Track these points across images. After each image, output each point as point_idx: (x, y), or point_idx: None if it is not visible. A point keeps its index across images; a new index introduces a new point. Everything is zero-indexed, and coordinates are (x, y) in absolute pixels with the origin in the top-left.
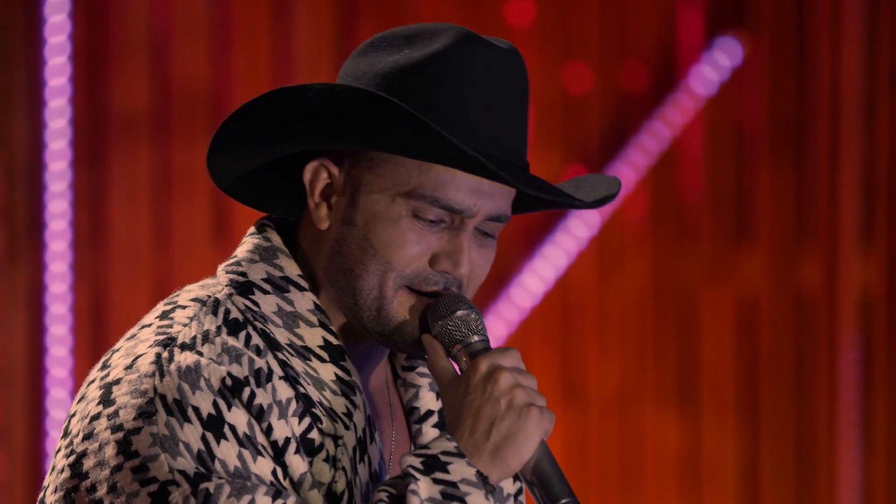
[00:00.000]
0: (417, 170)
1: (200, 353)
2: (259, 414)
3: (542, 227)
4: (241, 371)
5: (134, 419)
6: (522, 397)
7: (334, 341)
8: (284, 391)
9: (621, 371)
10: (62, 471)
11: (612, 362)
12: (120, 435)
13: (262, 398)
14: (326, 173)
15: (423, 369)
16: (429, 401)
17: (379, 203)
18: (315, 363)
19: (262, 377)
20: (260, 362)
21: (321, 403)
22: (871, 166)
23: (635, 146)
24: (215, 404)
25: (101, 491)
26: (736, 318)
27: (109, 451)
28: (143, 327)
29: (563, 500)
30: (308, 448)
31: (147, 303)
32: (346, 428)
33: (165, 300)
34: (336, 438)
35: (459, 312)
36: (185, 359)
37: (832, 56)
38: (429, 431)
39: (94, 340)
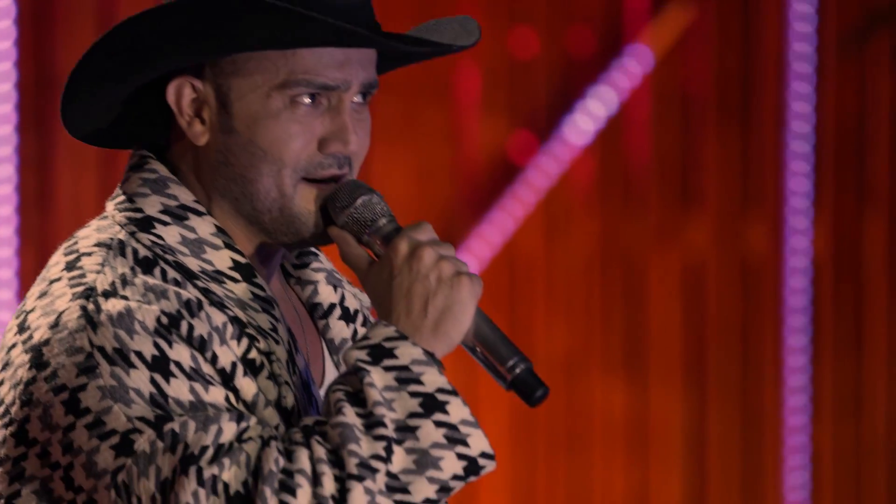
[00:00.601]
0: (283, 58)
1: (126, 297)
2: (201, 345)
3: (488, 192)
4: (171, 306)
5: (77, 377)
6: (449, 268)
7: (242, 260)
8: (218, 317)
9: (568, 336)
10: (3, 441)
11: (559, 327)
12: (65, 395)
13: (201, 328)
14: (190, 88)
15: (317, 264)
16: (328, 294)
17: (254, 103)
18: (230, 285)
19: (194, 307)
20: (186, 293)
21: (250, 323)
22: (818, 131)
23: (582, 111)
24: (156, 345)
25: (56, 454)
26: (682, 282)
27: (56, 413)
28: (51, 283)
29: (512, 360)
30: (251, 369)
31: None
32: (277, 343)
33: (63, 250)
34: (269, 355)
35: (361, 199)
36: (112, 306)
37: (779, 20)
38: (336, 325)
39: None
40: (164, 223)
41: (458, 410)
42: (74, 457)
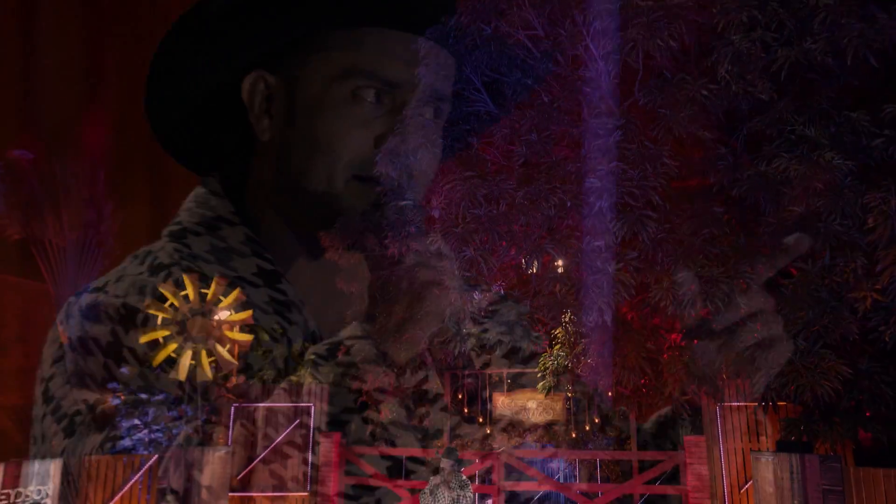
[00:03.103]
0: (352, 50)
1: (105, 292)
2: None
3: None
4: (139, 300)
5: (50, 367)
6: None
7: (268, 267)
8: None
9: None
10: None
11: None
12: (43, 387)
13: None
14: (263, 84)
15: None
16: None
17: (317, 96)
18: (248, 289)
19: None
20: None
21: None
22: None
23: None
24: (113, 332)
25: (40, 444)
26: None
27: (37, 407)
28: None
29: None
30: None
31: None
32: (275, 340)
33: None
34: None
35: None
36: (87, 299)
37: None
38: None
39: None
40: (197, 234)
41: None
42: (47, 446)
